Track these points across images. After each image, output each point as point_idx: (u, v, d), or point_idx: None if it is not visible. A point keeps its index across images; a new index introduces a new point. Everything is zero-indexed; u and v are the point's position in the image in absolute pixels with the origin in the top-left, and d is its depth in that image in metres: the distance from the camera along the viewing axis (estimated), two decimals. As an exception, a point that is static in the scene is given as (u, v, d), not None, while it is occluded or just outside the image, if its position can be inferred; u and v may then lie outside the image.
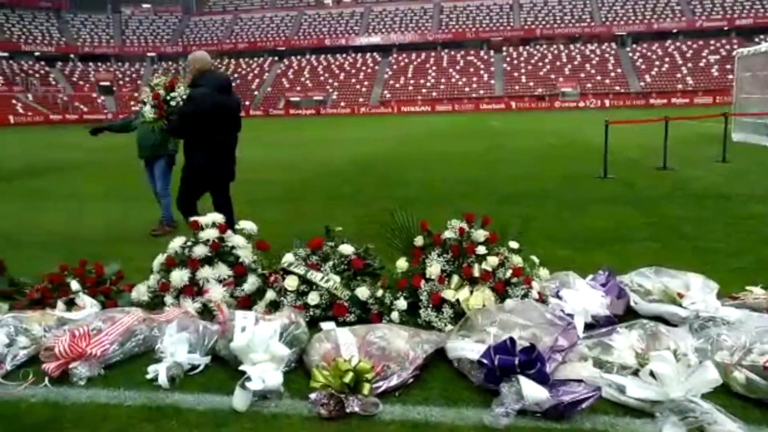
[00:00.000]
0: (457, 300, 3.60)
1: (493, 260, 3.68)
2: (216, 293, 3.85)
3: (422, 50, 67.33)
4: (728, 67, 55.44)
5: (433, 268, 3.69)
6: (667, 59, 59.84)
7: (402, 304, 3.67)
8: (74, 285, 4.08)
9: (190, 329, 3.28)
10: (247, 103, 61.28)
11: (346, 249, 3.93)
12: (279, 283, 3.81)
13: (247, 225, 4.19)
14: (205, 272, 3.92)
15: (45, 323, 3.48)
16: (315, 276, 3.74)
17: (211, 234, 4.02)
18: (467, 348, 3.03)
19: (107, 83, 64.12)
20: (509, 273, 3.68)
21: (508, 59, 64.26)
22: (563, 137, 19.91)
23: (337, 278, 3.78)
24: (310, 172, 11.84)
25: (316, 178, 11.02)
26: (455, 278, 3.66)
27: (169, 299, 3.92)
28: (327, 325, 3.53)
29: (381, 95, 61.61)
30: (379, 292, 3.81)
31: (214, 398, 2.84)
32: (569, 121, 30.80)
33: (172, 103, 5.01)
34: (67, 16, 69.62)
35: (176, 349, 3.08)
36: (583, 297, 3.53)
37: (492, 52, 66.02)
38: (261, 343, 2.97)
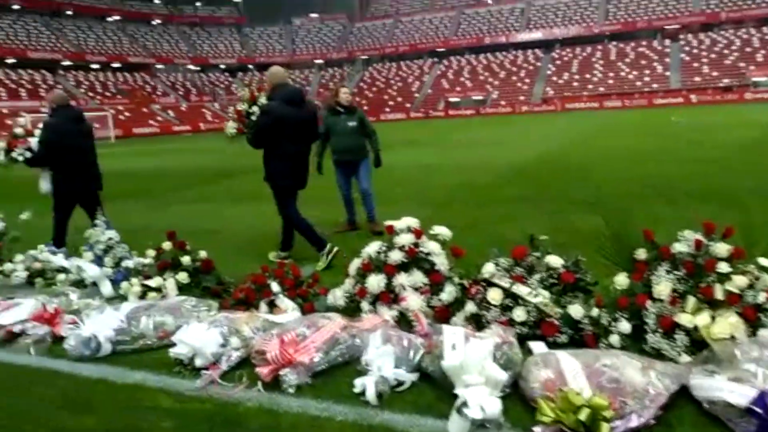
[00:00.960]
0: (695, 326, 3.07)
1: (740, 280, 3.09)
2: (413, 302, 3.68)
3: (587, 44, 63.74)
4: None
5: (663, 287, 3.19)
6: None
7: (625, 326, 3.22)
8: (275, 287, 4.15)
9: (393, 341, 3.13)
10: (408, 105, 62.45)
11: (555, 261, 3.55)
12: (480, 295, 3.54)
13: (442, 230, 3.98)
14: (401, 279, 3.78)
15: (252, 325, 3.54)
16: (521, 290, 3.41)
17: (406, 239, 3.87)
18: (725, 388, 2.52)
19: (280, 90, 69.00)
20: (762, 297, 3.06)
21: (686, 48, 58.57)
22: None
23: (546, 293, 3.42)
24: (484, 174, 11.43)
25: (492, 179, 10.58)
26: (691, 300, 3.12)
27: (365, 305, 3.84)
28: (536, 346, 3.20)
29: (543, 92, 59.36)
30: (594, 311, 3.38)
31: (426, 421, 2.64)
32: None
33: (253, 117, 5.33)
34: (247, 29, 76.13)
35: (383, 362, 2.94)
36: None
37: (667, 42, 60.60)
38: (475, 364, 2.72)
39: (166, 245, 4.62)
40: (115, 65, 62.52)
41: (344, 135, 6.63)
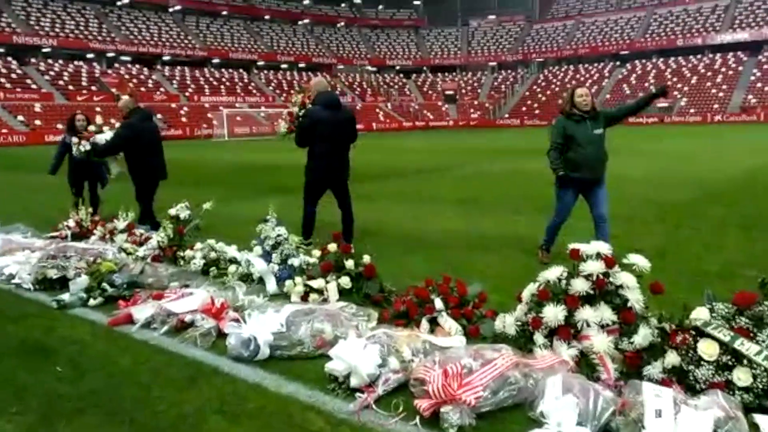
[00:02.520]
0: None
1: None
2: (599, 342, 3.12)
3: (806, 45, 55.46)
4: None
5: None
6: None
7: None
8: (438, 303, 3.83)
9: (576, 390, 2.63)
10: (583, 110, 59.13)
11: (796, 315, 2.79)
12: (688, 346, 2.89)
13: (639, 260, 3.36)
14: (585, 313, 3.23)
15: (413, 345, 3.24)
16: (749, 348, 2.71)
17: (595, 268, 3.31)
18: None
19: (451, 92, 69.26)
20: None
21: None
22: None
23: (784, 356, 2.68)
24: (674, 190, 10.11)
25: (685, 197, 9.29)
26: None
27: (539, 338, 3.35)
28: (766, 423, 2.50)
29: (743, 100, 52.81)
30: None
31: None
32: None
33: (302, 119, 6.12)
34: (424, 32, 77.41)
35: (563, 417, 2.46)
36: None
37: None
38: (688, 443, 2.14)
39: (332, 247, 4.51)
40: (301, 65, 67.06)
41: (591, 145, 5.34)
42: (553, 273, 3.46)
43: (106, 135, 7.10)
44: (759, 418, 2.54)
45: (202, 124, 46.47)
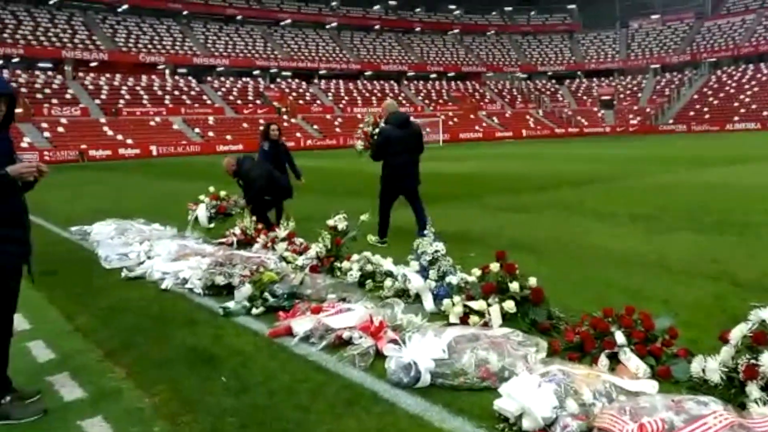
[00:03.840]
0: None
1: None
2: (840, 404, 2.49)
3: None
4: None
5: None
6: None
7: None
8: (619, 337, 3.36)
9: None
10: (765, 113, 52.85)
11: None
12: None
13: None
14: (820, 366, 2.61)
15: (594, 387, 2.83)
16: None
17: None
18: None
19: (608, 97, 65.35)
20: None
21: None
22: None
23: None
24: None
25: None
26: None
27: (754, 391, 2.77)
28: None
29: None
30: None
31: None
32: None
33: (376, 137, 7.03)
34: (579, 36, 74.00)
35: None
36: None
37: None
38: None
39: (494, 266, 4.19)
40: (450, 74, 67.22)
41: None
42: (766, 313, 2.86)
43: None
44: None
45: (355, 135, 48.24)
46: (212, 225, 7.53)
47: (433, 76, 66.25)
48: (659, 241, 6.98)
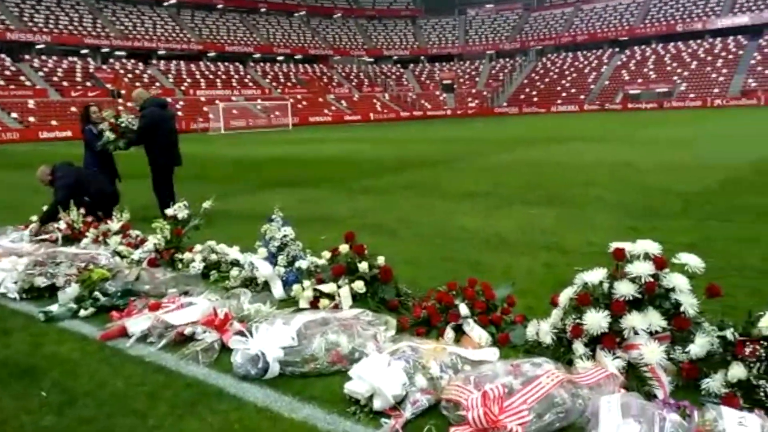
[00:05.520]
0: None
1: None
2: (651, 352, 2.78)
3: (808, 27, 54.95)
4: None
5: None
6: None
7: None
8: (463, 309, 3.49)
9: (635, 412, 2.29)
10: (582, 97, 58.81)
11: None
12: (757, 358, 2.54)
13: (690, 259, 3.01)
14: (632, 320, 2.89)
15: (441, 359, 2.90)
16: (832, 361, 2.37)
17: (643, 269, 2.95)
18: None
19: (449, 81, 68.71)
20: None
21: None
22: None
23: None
24: (691, 179, 9.67)
25: (704, 186, 8.81)
26: None
27: (579, 348, 3.00)
28: None
29: (743, 84, 52.38)
30: None
31: None
32: None
33: (123, 124, 7.29)
34: (421, 21, 76.69)
35: (626, 448, 2.12)
36: None
37: None
38: (787, 484, 1.80)
39: (343, 248, 4.15)
40: (298, 57, 66.40)
41: None
42: (594, 275, 3.11)
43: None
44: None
45: (198, 118, 45.98)
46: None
47: (280, 58, 65.06)
48: (497, 215, 7.43)
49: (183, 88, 52.45)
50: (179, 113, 46.31)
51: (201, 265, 4.76)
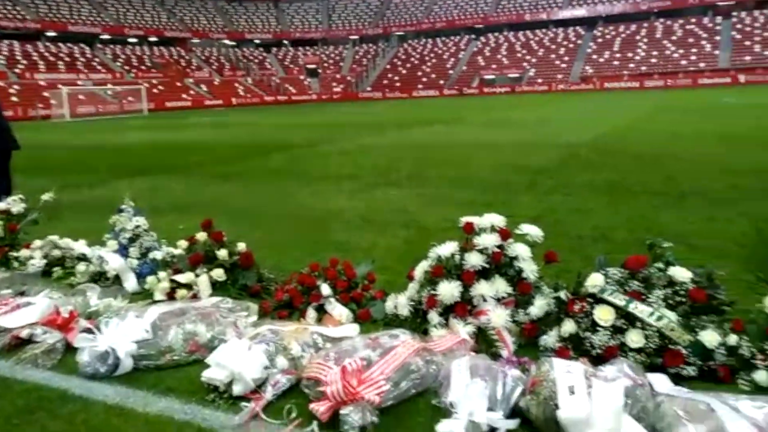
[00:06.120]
0: None
1: None
2: (497, 316, 3.00)
3: (632, 21, 61.37)
4: None
5: (838, 315, 2.45)
6: None
7: (785, 364, 2.50)
8: (325, 289, 3.53)
9: (481, 371, 2.46)
10: (442, 82, 61.18)
11: (682, 274, 2.82)
12: (584, 313, 2.84)
13: (531, 230, 3.28)
14: (481, 288, 3.10)
15: (302, 339, 2.92)
16: (642, 310, 2.70)
17: (490, 241, 3.17)
18: None
19: (313, 66, 68.33)
20: None
21: (738, 26, 55.90)
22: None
23: (673, 315, 2.70)
24: (536, 157, 10.51)
25: (546, 163, 9.65)
26: None
27: (434, 317, 3.17)
28: (658, 381, 2.50)
29: (582, 71, 57.47)
30: (732, 339, 2.67)
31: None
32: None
33: None
34: (284, 5, 75.26)
35: (474, 405, 2.28)
36: None
37: (718, 19, 57.90)
38: (606, 419, 2.04)
39: (201, 236, 4.01)
40: (152, 39, 62.46)
41: None
42: (447, 248, 3.29)
43: None
44: (651, 376, 2.53)
45: (38, 104, 41.76)
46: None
47: (133, 40, 60.87)
48: (361, 197, 7.57)
49: (17, 71, 47.41)
50: (14, 98, 41.82)
51: (41, 262, 4.37)
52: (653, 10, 61.01)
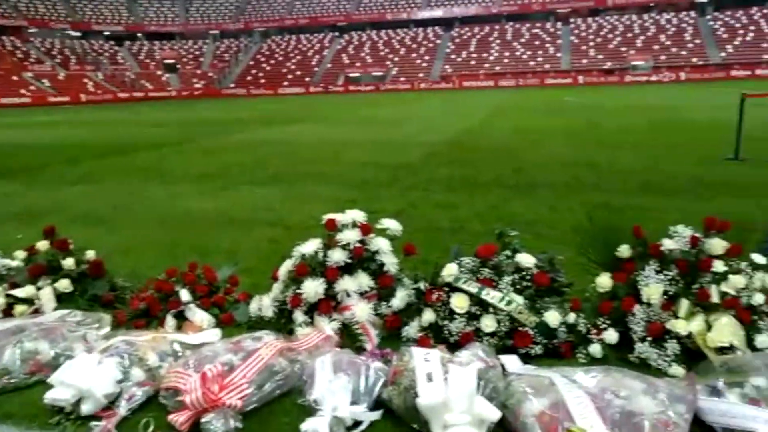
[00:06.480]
0: (688, 333, 2.70)
1: (737, 281, 2.74)
2: (360, 311, 3.06)
3: (486, 23, 65.17)
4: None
5: (653, 290, 2.78)
6: (752, 28, 55.64)
7: (612, 336, 2.80)
8: (184, 295, 3.39)
9: (345, 366, 2.50)
10: (307, 79, 60.96)
11: (527, 260, 3.06)
12: (441, 302, 2.98)
13: (391, 224, 3.38)
14: (345, 284, 3.14)
15: (159, 349, 2.78)
16: (493, 296, 2.89)
17: (351, 236, 3.22)
18: (751, 415, 2.14)
19: (171, 61, 65.03)
20: (759, 298, 2.73)
21: (575, 31, 61.42)
22: (661, 113, 18.30)
23: (520, 299, 2.92)
24: (400, 154, 10.82)
25: (411, 160, 9.97)
26: (684, 304, 2.74)
27: (299, 316, 3.17)
28: (510, 361, 2.70)
29: (442, 70, 60.05)
30: (571, 317, 2.94)
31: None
32: (649, 95, 28.73)
33: None
34: (135, -5, 70.81)
35: (337, 400, 2.31)
36: None
37: (559, 24, 63.19)
38: (461, 401, 2.16)
39: (42, 245, 3.68)
40: (-21, 27, 55.96)
41: None
42: (310, 246, 3.29)
43: None
44: (504, 358, 2.72)
45: None
46: None
47: (-44, 27, 54.11)
48: (225, 196, 7.34)
49: None
50: None
51: None
52: (503, 14, 65.19)
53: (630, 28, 59.64)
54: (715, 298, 2.72)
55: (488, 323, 2.88)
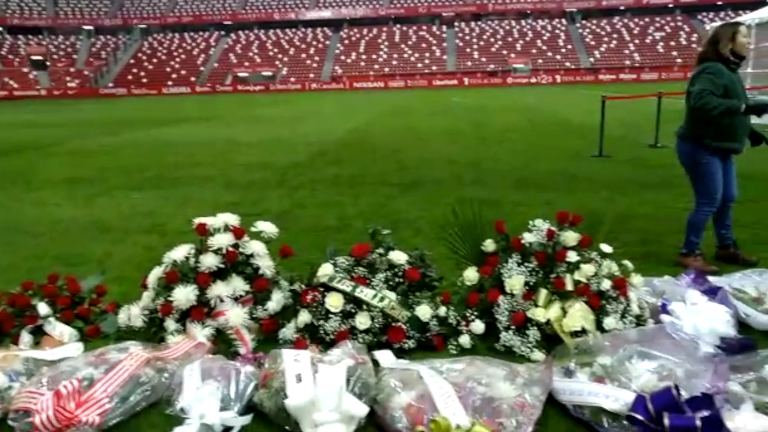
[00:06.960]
0: (547, 320, 2.89)
1: (588, 269, 2.98)
2: (234, 316, 3.01)
3: (374, 25, 65.95)
4: (672, 44, 56.73)
5: (515, 281, 2.96)
6: (615, 35, 60.50)
7: (479, 326, 2.95)
8: (42, 308, 3.17)
9: (215, 373, 2.45)
10: (193, 79, 58.76)
11: (399, 257, 3.14)
12: (317, 303, 2.99)
13: (266, 227, 3.34)
14: (218, 289, 3.07)
15: (10, 368, 2.58)
16: (366, 294, 2.94)
17: (224, 240, 3.15)
18: (594, 392, 2.33)
19: (40, 57, 60.10)
20: (606, 284, 2.99)
21: (460, 35, 63.72)
22: (539, 113, 19.43)
23: (393, 295, 3.00)
24: (288, 153, 10.72)
25: (298, 159, 9.90)
26: (543, 293, 2.94)
27: (170, 324, 3.05)
28: (384, 357, 2.77)
29: (332, 71, 60.09)
30: (442, 310, 3.07)
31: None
32: (529, 96, 30.45)
33: None
34: (-6, -16, 64.71)
35: (205, 407, 2.25)
36: (706, 313, 2.87)
37: (444, 28, 65.28)
38: (329, 399, 2.18)
39: None
40: None
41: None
42: (180, 252, 3.19)
43: None
44: (378, 354, 2.79)
45: None
46: None
47: None
48: (99, 202, 6.93)
49: None
50: None
51: None
52: (391, 16, 66.33)
53: (510, 32, 62.80)
54: (569, 286, 2.94)
55: (362, 320, 2.93)
